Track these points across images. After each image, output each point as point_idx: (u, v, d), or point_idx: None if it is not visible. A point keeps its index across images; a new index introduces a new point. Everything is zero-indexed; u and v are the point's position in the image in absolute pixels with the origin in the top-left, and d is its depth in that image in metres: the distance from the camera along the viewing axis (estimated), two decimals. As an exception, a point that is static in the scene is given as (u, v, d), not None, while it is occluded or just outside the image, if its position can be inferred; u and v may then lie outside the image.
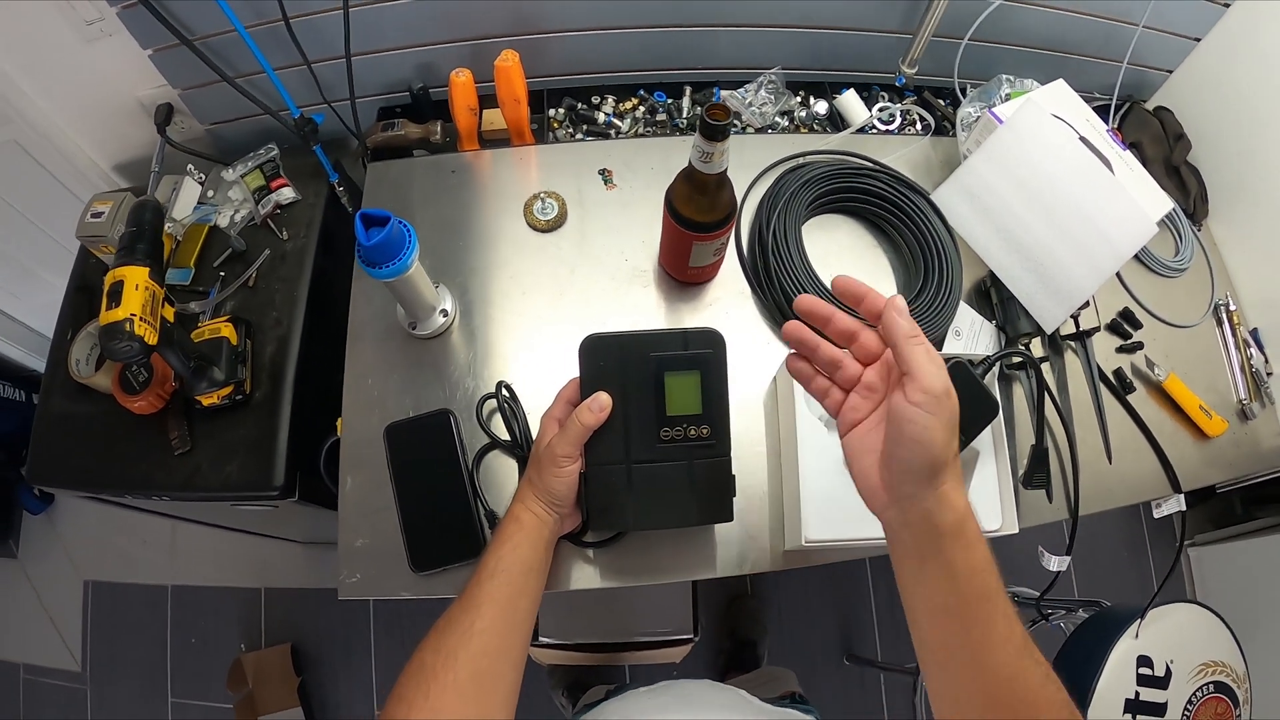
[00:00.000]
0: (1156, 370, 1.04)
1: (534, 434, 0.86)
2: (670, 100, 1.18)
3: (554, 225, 1.02)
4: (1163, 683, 1.15)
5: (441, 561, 0.84)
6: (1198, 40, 1.20)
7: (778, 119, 1.16)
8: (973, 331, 0.99)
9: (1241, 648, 1.21)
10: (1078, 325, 1.02)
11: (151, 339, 0.82)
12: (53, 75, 1.15)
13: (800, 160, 1.08)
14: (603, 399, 0.69)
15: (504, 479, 0.89)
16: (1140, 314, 1.09)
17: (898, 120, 1.17)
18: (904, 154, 1.11)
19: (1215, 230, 1.22)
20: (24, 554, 2.06)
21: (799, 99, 1.18)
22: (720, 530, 0.86)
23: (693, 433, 0.72)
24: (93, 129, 1.27)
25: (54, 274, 1.67)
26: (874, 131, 1.16)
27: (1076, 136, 0.98)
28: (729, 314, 0.98)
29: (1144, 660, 1.16)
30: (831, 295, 0.61)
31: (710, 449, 0.73)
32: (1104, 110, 1.22)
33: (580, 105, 1.16)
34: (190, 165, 1.18)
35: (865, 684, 1.91)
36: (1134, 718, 1.12)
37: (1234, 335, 1.12)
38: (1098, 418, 1.01)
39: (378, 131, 1.10)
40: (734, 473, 0.75)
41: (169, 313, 0.87)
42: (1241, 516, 1.94)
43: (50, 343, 1.15)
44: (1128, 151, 1.06)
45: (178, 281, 1.10)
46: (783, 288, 0.92)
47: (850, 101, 1.16)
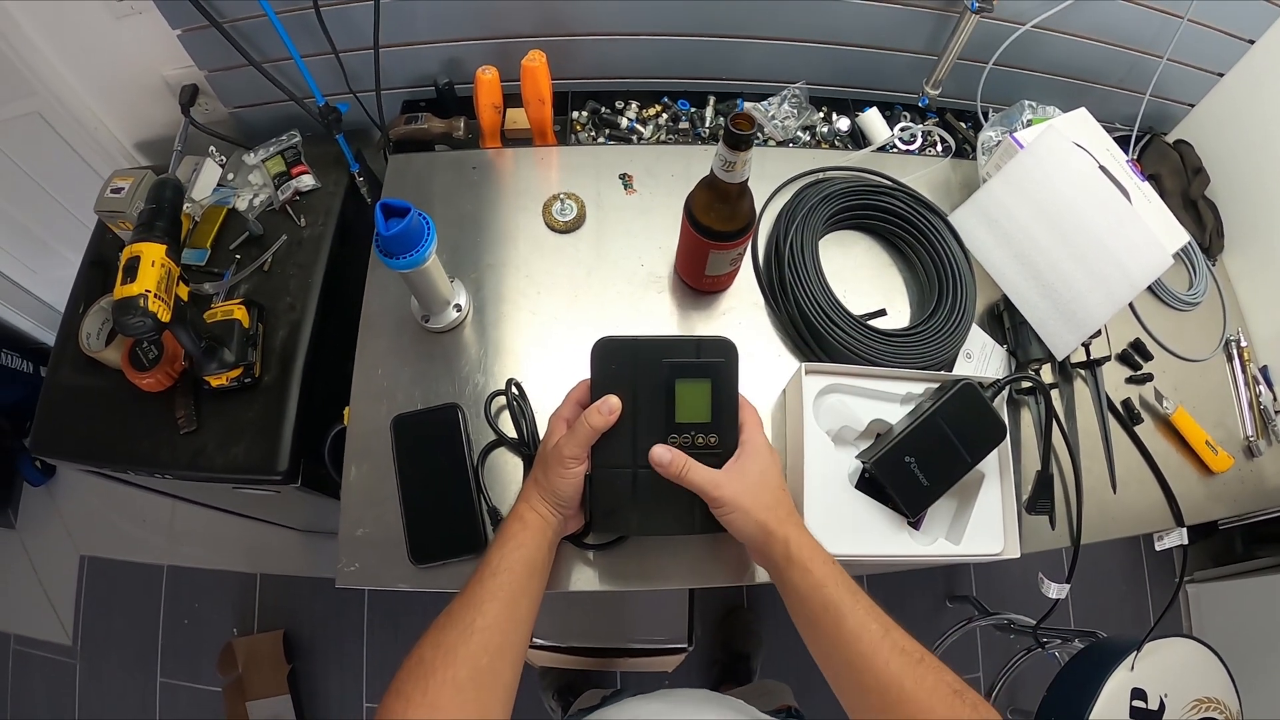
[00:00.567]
0: (1165, 403, 1.04)
1: (541, 433, 0.86)
2: (694, 109, 1.19)
3: (572, 227, 1.02)
4: (1155, 716, 1.15)
5: (441, 555, 0.84)
6: (1221, 75, 1.20)
7: (800, 133, 1.16)
8: (984, 354, 0.99)
9: (1236, 686, 1.20)
10: (1089, 354, 1.02)
11: (165, 316, 0.82)
12: (81, 49, 1.16)
13: (820, 175, 1.09)
14: (612, 402, 0.69)
15: (509, 477, 0.89)
16: (1151, 346, 1.09)
17: (919, 141, 1.17)
18: (923, 174, 1.11)
19: (1230, 266, 1.22)
20: (22, 525, 2.06)
21: (821, 114, 1.18)
22: (721, 540, 0.85)
23: (700, 441, 0.72)
24: (117, 105, 1.27)
25: (69, 248, 1.68)
26: (895, 151, 1.16)
27: (1096, 165, 0.98)
28: (742, 324, 0.98)
29: (1138, 693, 1.16)
30: (845, 312, 0.67)
31: (718, 458, 0.72)
32: (1124, 141, 1.22)
33: (604, 109, 1.17)
34: (212, 147, 1.19)
35: (859, 702, 1.89)
36: (1126, 750, 1.12)
37: (1244, 372, 1.12)
38: (1104, 447, 1.01)
39: (401, 124, 1.10)
40: None
41: (183, 291, 0.88)
42: (1241, 554, 1.93)
43: (62, 316, 1.15)
44: (1146, 183, 1.06)
45: (193, 262, 1.11)
46: (797, 301, 0.92)
47: (872, 120, 1.16)
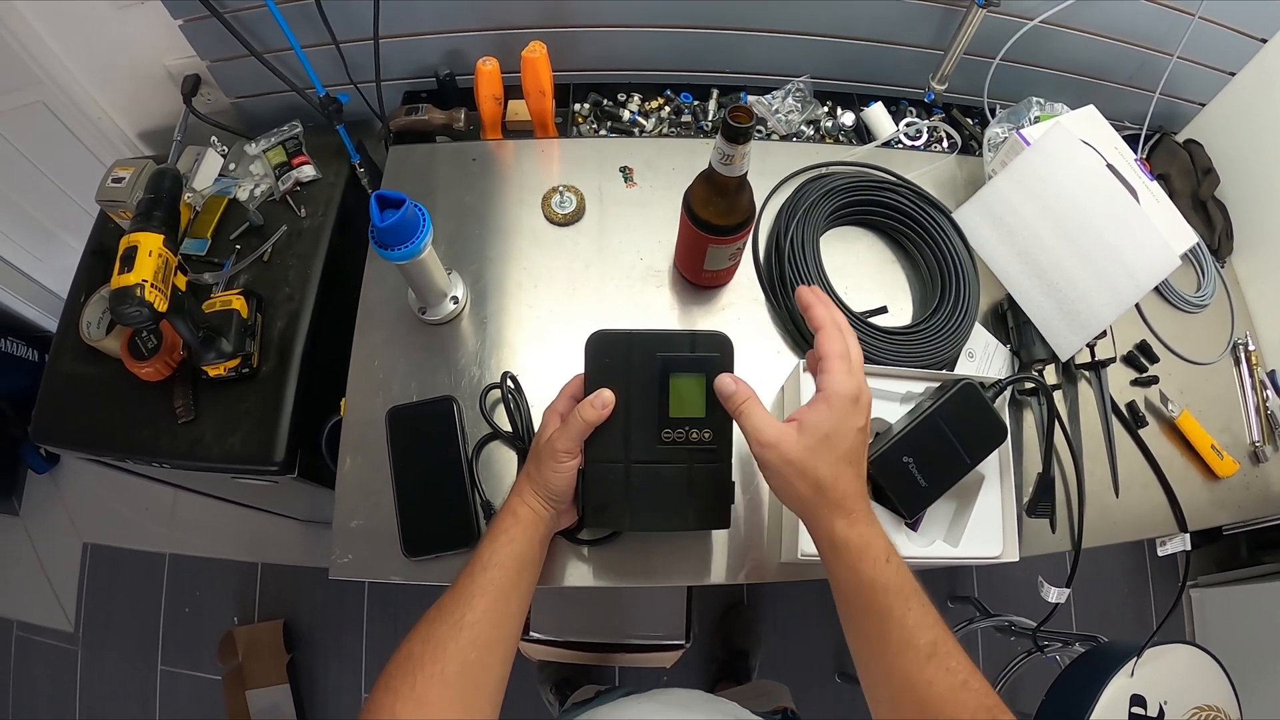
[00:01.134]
0: (1170, 406, 1.03)
1: (536, 427, 0.86)
2: (696, 102, 1.18)
3: (571, 219, 1.02)
4: (1155, 723, 1.14)
5: (434, 548, 0.84)
6: (1232, 74, 1.18)
7: (803, 127, 1.15)
8: (986, 354, 0.98)
9: (1238, 694, 1.19)
10: (1093, 355, 1.01)
11: (161, 306, 0.82)
12: (83, 39, 1.16)
13: (823, 170, 1.08)
14: (606, 396, 0.68)
15: (503, 470, 0.88)
16: (1157, 348, 1.08)
17: (924, 136, 1.16)
18: (929, 170, 1.10)
19: (1239, 268, 1.21)
20: (26, 512, 2.07)
21: (826, 109, 1.17)
22: (717, 537, 0.85)
23: (695, 436, 0.71)
24: (119, 95, 1.28)
25: (73, 236, 1.69)
26: (900, 146, 1.15)
27: (1104, 164, 0.97)
28: (741, 319, 0.97)
29: (1137, 699, 1.15)
30: (845, 306, 0.64)
31: (711, 454, 0.71)
32: (1134, 139, 1.21)
33: (606, 101, 1.16)
34: (214, 137, 1.19)
35: (856, 703, 1.87)
36: (1124, 756, 1.11)
37: (1251, 376, 1.10)
38: (1107, 450, 1.00)
39: (402, 115, 1.10)
40: (734, 480, 0.74)
41: (181, 281, 0.88)
42: (1246, 560, 1.92)
43: (64, 304, 1.15)
44: (1155, 182, 1.05)
45: (194, 252, 1.11)
46: (797, 297, 0.92)
47: (877, 114, 1.15)
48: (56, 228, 1.69)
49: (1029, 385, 0.95)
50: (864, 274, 1.01)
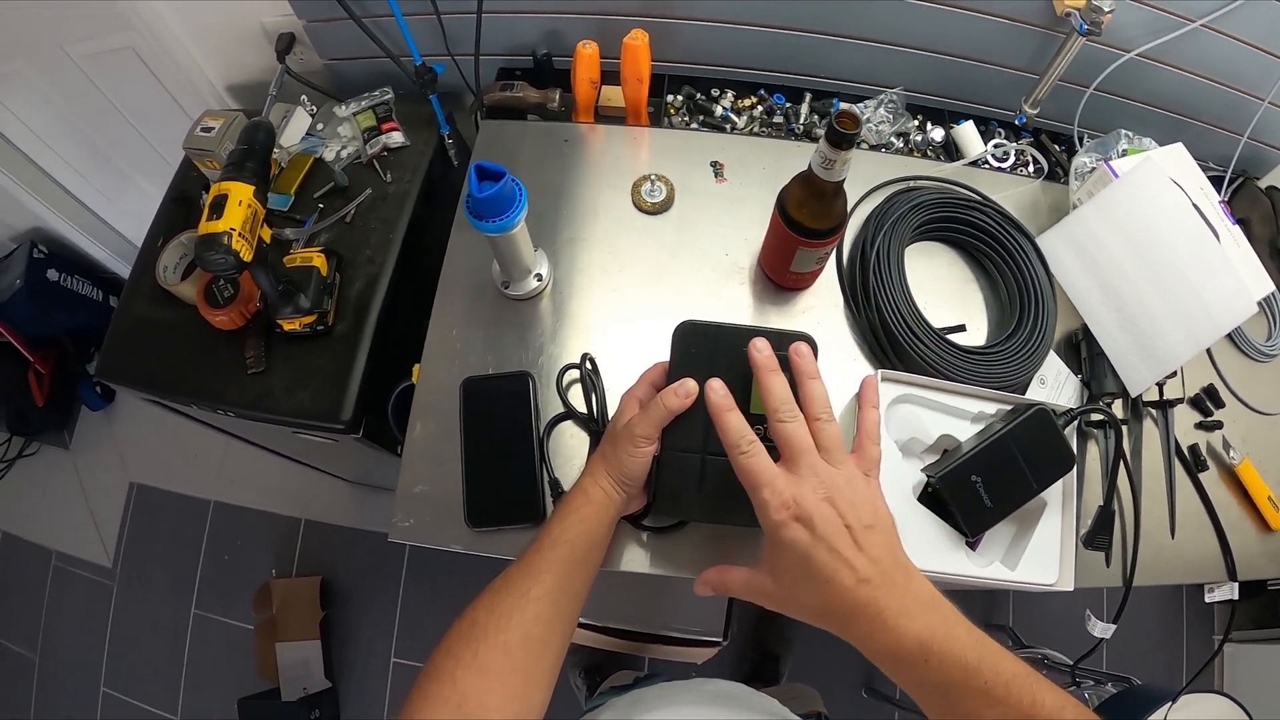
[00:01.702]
0: (1232, 453, 1.01)
1: (611, 411, 0.87)
2: (789, 104, 1.18)
3: (660, 209, 1.02)
4: (1184, 771, 1.13)
5: (498, 521, 0.85)
6: (1321, 122, 1.16)
7: (893, 139, 1.15)
8: (1058, 382, 0.97)
9: (1270, 749, 1.18)
10: (1161, 394, 1.00)
11: (247, 255, 0.83)
12: (184, -10, 1.18)
13: (911, 184, 1.07)
14: (690, 385, 0.68)
15: (572, 451, 0.89)
16: (1224, 393, 1.06)
17: (1011, 159, 1.15)
18: (1013, 194, 1.10)
19: (1312, 321, 1.18)
20: (76, 446, 2.13)
21: (917, 123, 1.17)
22: (777, 538, 0.86)
23: None
24: (212, 47, 1.30)
25: (148, 181, 1.73)
26: (986, 167, 1.14)
27: (1190, 202, 0.95)
28: (820, 324, 0.97)
29: (1168, 745, 1.14)
30: (926, 323, 0.60)
31: None
32: (1217, 181, 1.19)
33: (699, 95, 1.16)
34: (304, 96, 1.21)
35: (881, 720, 1.88)
36: (1151, 802, 1.10)
37: (1317, 431, 1.09)
38: (1168, 490, 0.99)
39: (496, 90, 1.11)
40: None
41: (266, 234, 0.89)
42: (1284, 620, 1.89)
43: (138, 249, 1.18)
44: (1236, 226, 1.04)
45: (276, 207, 1.13)
46: (879, 307, 0.92)
47: (967, 133, 1.14)
48: (133, 171, 1.72)
49: (1097, 417, 0.95)
50: (943, 290, 1.01)
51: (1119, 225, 0.97)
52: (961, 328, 0.97)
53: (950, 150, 1.16)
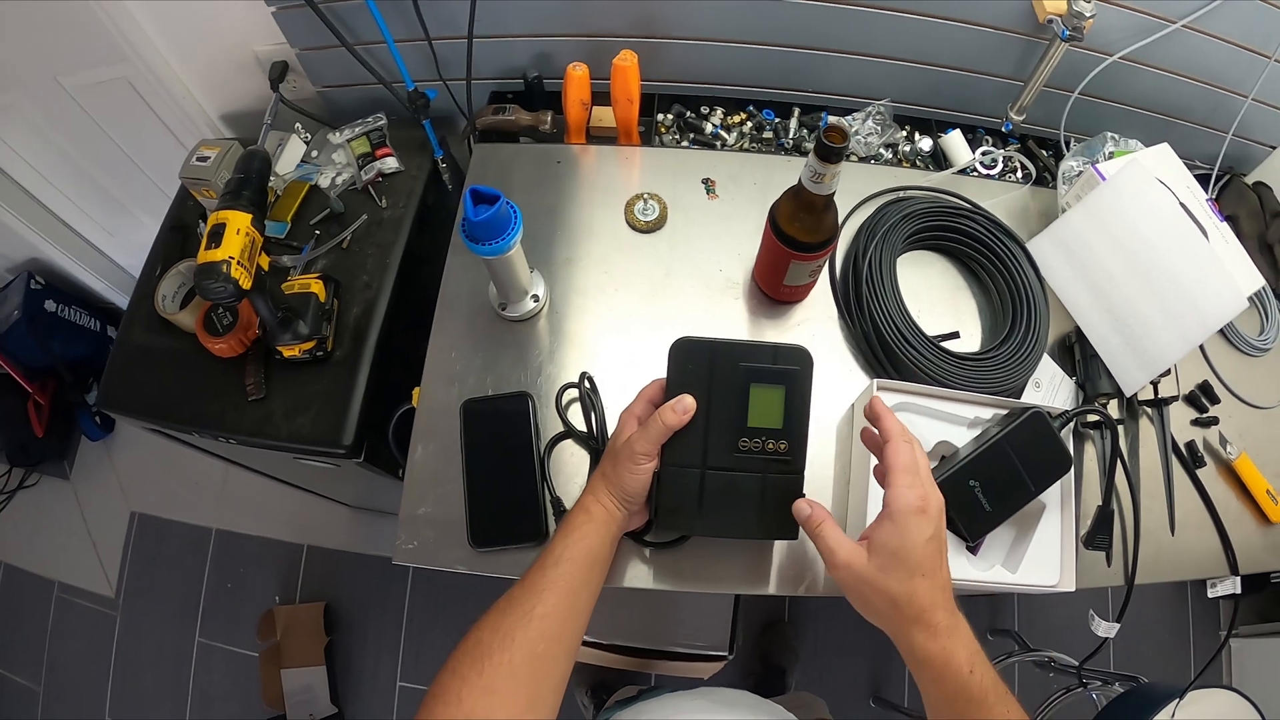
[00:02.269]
0: (1229, 448, 1.02)
1: (610, 429, 0.87)
2: (778, 119, 1.20)
3: (653, 227, 1.03)
4: (1194, 768, 1.13)
5: (501, 541, 0.85)
6: (1306, 117, 1.18)
7: (882, 150, 1.16)
8: (1052, 385, 0.98)
9: (1278, 744, 1.18)
10: (1156, 392, 1.01)
11: (246, 283, 0.84)
12: (174, 19, 1.19)
13: (901, 194, 1.09)
14: (687, 401, 0.69)
15: (573, 469, 0.90)
16: (1219, 389, 1.07)
17: (999, 166, 1.17)
18: (1002, 200, 1.11)
19: (1304, 313, 1.19)
20: (76, 477, 2.12)
21: (904, 133, 1.19)
22: (779, 549, 0.86)
23: (770, 446, 0.72)
24: (206, 76, 1.31)
25: (145, 212, 1.73)
26: (975, 174, 1.16)
27: (1177, 202, 0.97)
28: (815, 335, 0.98)
29: (1178, 742, 1.14)
30: (920, 332, 0.63)
31: (786, 465, 0.72)
32: (1204, 179, 1.20)
33: (689, 113, 1.18)
34: (298, 124, 1.22)
35: (889, 729, 1.88)
36: (1161, 799, 1.10)
37: (1313, 423, 1.10)
38: (1166, 488, 1.00)
39: (488, 114, 1.12)
40: (804, 493, 0.75)
41: (264, 261, 0.90)
42: (1291, 614, 1.89)
43: (135, 278, 1.18)
44: (1224, 224, 1.05)
45: (273, 235, 1.14)
46: (873, 317, 0.93)
47: (955, 142, 1.15)
48: (129, 202, 1.73)
49: (1093, 418, 0.95)
50: (936, 298, 1.02)
51: (1107, 227, 0.98)
52: (955, 335, 0.98)
53: (939, 159, 1.18)
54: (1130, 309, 0.96)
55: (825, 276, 1.01)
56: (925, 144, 1.17)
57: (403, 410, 0.96)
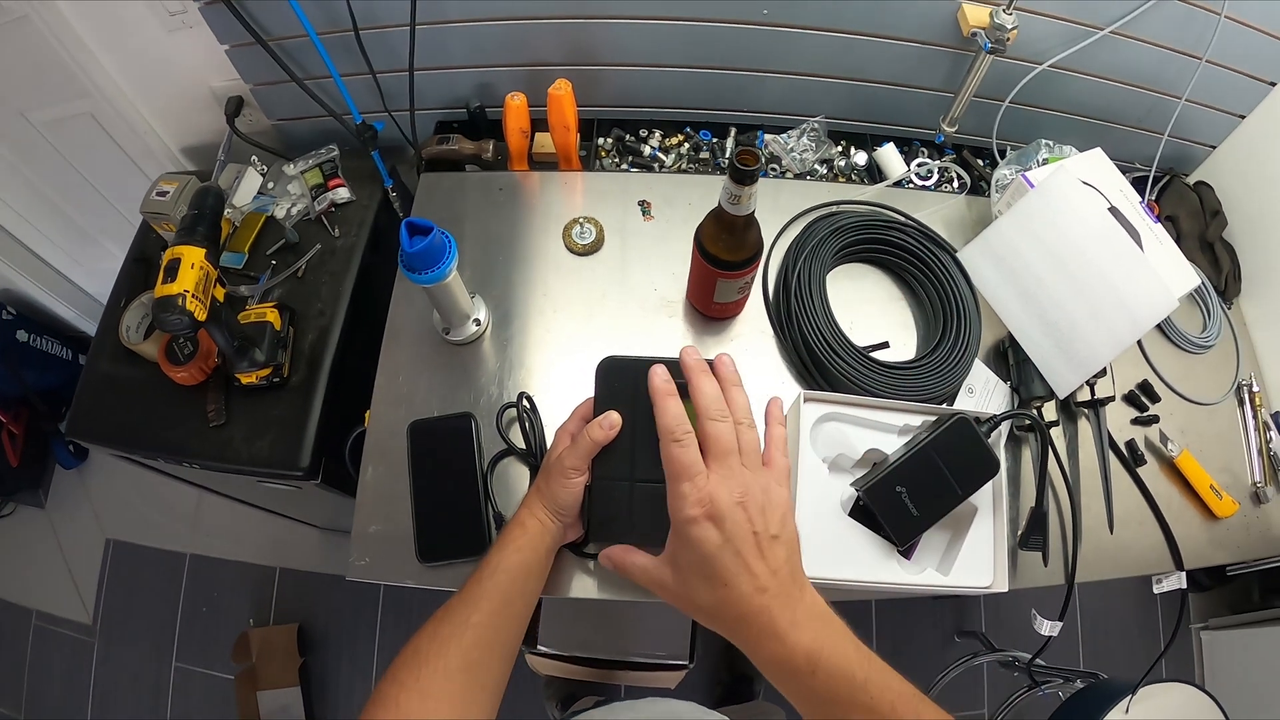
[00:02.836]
0: (1170, 445, 1.04)
1: (548, 446, 0.90)
2: (715, 139, 1.22)
3: (590, 250, 1.06)
4: (1148, 761, 1.15)
5: (447, 555, 0.88)
6: (1242, 117, 1.20)
7: (817, 166, 1.19)
8: (986, 390, 1.01)
9: (1235, 734, 1.19)
10: (1093, 393, 1.02)
11: (201, 315, 0.86)
12: (134, 57, 1.22)
13: (833, 209, 1.11)
14: (613, 418, 0.71)
15: (515, 485, 0.92)
16: (1159, 387, 1.09)
17: (935, 176, 1.19)
18: (938, 210, 1.13)
19: (1246, 310, 1.21)
20: (51, 505, 2.13)
21: (839, 148, 1.21)
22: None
23: None
24: (165, 111, 1.34)
25: (112, 242, 1.75)
26: (910, 186, 1.18)
27: (1106, 206, 0.99)
28: (749, 350, 1.00)
29: (1132, 735, 1.16)
30: (848, 343, 0.61)
31: None
32: (1144, 181, 1.22)
33: (628, 137, 1.21)
34: (254, 156, 1.24)
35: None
36: (1115, 792, 1.12)
37: (1255, 417, 1.11)
38: (1103, 486, 1.01)
39: (433, 144, 1.15)
40: None
41: (220, 293, 0.92)
42: (1258, 604, 1.90)
43: (104, 308, 1.21)
44: (1159, 225, 1.07)
45: (231, 265, 1.16)
46: (802, 330, 0.95)
47: (889, 155, 1.18)
48: (96, 233, 1.75)
49: (1026, 422, 0.98)
50: (871, 310, 1.04)
51: (1036, 234, 1.00)
52: (885, 345, 1.00)
53: (874, 173, 1.20)
54: (1060, 313, 0.98)
55: (759, 292, 1.04)
56: (860, 158, 1.20)
57: (357, 432, 0.98)
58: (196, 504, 2.04)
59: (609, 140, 1.20)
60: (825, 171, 1.19)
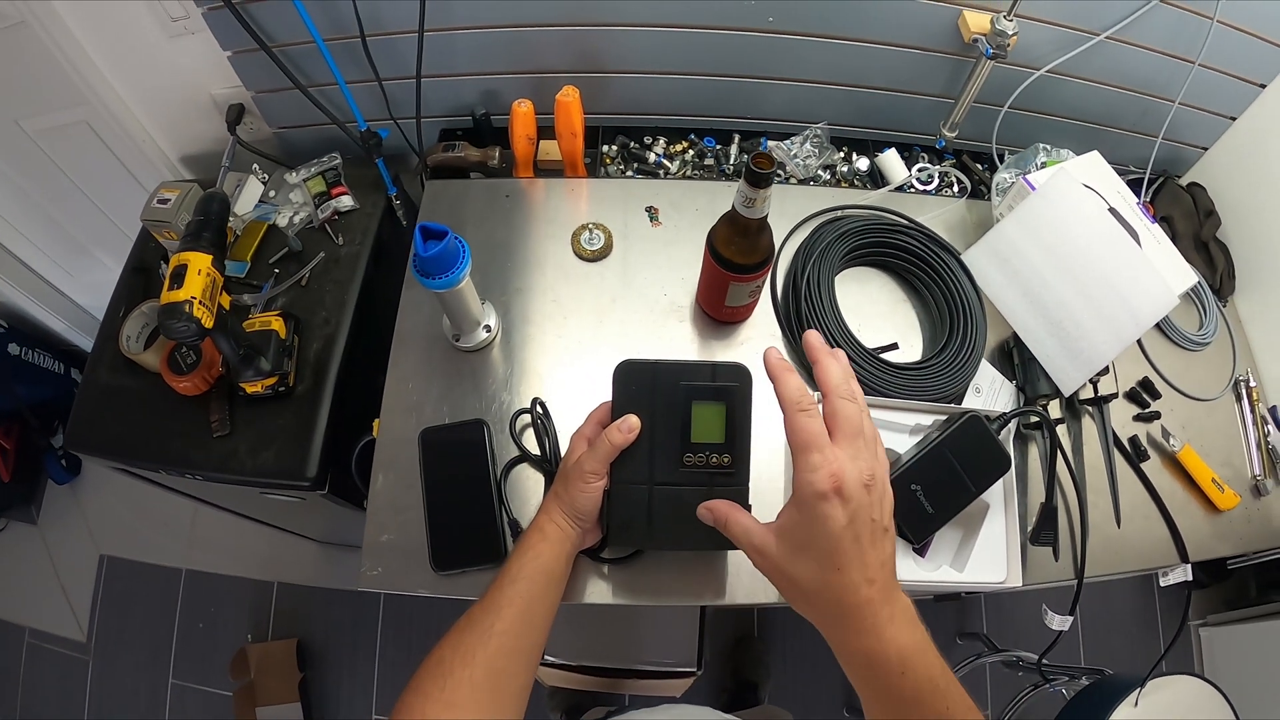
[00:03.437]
0: (1172, 441, 1.05)
1: (563, 451, 0.89)
2: (719, 146, 1.23)
3: (599, 255, 1.06)
4: (1158, 755, 1.15)
5: (462, 564, 0.87)
6: (1233, 119, 1.22)
7: (820, 172, 1.20)
8: (993, 389, 1.02)
9: (1242, 726, 1.20)
10: (1096, 390, 1.03)
11: (208, 322, 0.86)
12: (133, 63, 1.21)
13: (839, 213, 1.12)
14: (632, 421, 0.72)
15: (529, 492, 0.92)
16: (1160, 384, 1.10)
17: (935, 181, 1.20)
18: (939, 214, 1.15)
19: (1241, 307, 1.23)
20: (44, 522, 2.10)
21: (842, 154, 1.22)
22: (733, 559, 0.88)
23: (714, 460, 0.73)
24: (164, 119, 1.33)
25: (106, 254, 1.73)
26: (912, 190, 1.19)
27: (1106, 207, 1.00)
28: (758, 354, 0.97)
29: (1142, 730, 1.16)
30: (857, 343, 0.62)
31: (730, 477, 0.74)
32: (1138, 183, 1.24)
33: (633, 144, 1.21)
34: (256, 165, 1.24)
35: (862, 739, 1.88)
36: (1127, 786, 1.12)
37: (1253, 411, 1.13)
38: (1109, 482, 1.03)
39: (439, 151, 1.15)
40: (750, 504, 0.77)
41: (226, 300, 0.91)
42: (1255, 599, 1.92)
43: (101, 319, 1.19)
44: (1156, 225, 1.08)
45: (233, 274, 1.15)
46: (812, 332, 0.96)
47: (891, 160, 1.19)
48: (90, 244, 1.73)
49: (1033, 419, 0.99)
50: (876, 312, 1.05)
51: (1038, 235, 1.01)
52: (894, 346, 1.01)
53: (876, 178, 1.21)
54: (1064, 312, 1.00)
55: (768, 296, 1.05)
56: (862, 164, 1.21)
57: (364, 441, 0.97)
58: (192, 518, 2.02)
59: (614, 147, 1.21)
60: (828, 177, 1.20)
